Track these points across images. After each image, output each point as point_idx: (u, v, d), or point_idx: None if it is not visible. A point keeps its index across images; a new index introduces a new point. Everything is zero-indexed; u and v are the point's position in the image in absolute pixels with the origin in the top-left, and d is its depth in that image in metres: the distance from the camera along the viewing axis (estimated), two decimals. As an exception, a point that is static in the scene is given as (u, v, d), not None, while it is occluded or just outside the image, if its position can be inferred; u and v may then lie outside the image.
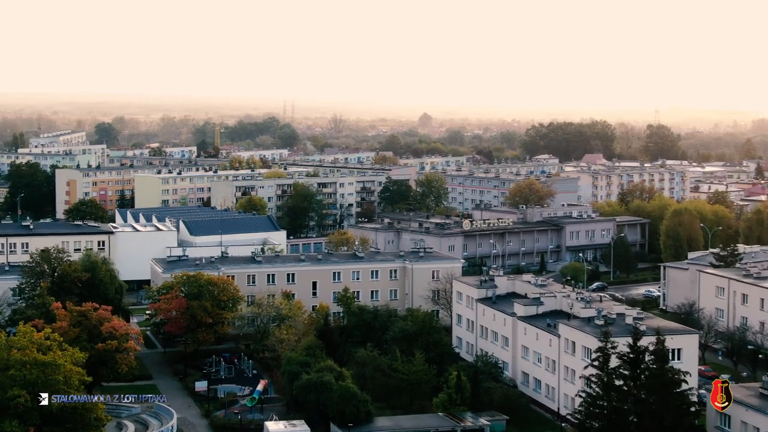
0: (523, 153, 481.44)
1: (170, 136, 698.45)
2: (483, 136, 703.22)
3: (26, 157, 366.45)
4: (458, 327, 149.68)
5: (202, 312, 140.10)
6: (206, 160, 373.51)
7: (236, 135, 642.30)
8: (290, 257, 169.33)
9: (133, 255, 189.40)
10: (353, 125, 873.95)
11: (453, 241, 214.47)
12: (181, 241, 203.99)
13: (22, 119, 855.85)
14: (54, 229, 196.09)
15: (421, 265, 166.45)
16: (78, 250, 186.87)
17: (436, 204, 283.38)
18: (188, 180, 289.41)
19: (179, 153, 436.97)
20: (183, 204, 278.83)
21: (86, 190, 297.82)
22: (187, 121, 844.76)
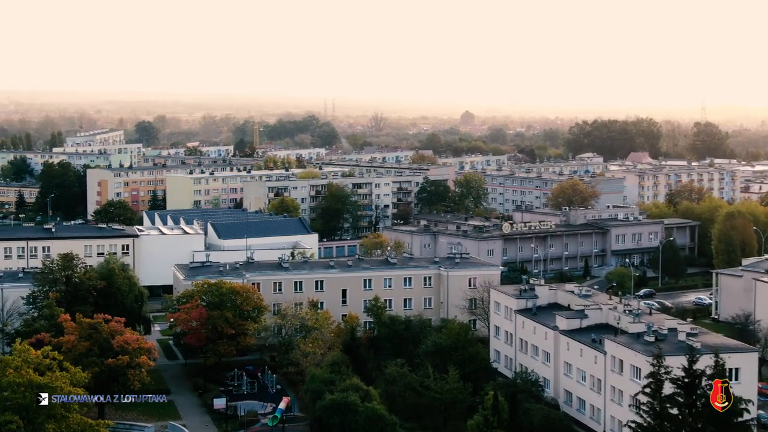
0: (566, 151, 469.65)
1: (210, 135, 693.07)
2: (525, 134, 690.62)
3: (60, 156, 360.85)
4: (496, 339, 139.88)
5: (224, 323, 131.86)
6: (241, 159, 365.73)
7: (276, 134, 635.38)
8: (319, 263, 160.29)
9: (159, 259, 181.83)
10: (394, 123, 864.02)
11: (492, 245, 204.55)
12: (210, 244, 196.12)
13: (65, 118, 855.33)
14: (76, 232, 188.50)
15: (457, 272, 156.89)
16: (101, 254, 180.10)
17: (475, 205, 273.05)
18: (220, 180, 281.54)
19: (215, 152, 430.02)
20: (215, 205, 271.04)
21: (117, 190, 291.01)
22: (228, 120, 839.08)
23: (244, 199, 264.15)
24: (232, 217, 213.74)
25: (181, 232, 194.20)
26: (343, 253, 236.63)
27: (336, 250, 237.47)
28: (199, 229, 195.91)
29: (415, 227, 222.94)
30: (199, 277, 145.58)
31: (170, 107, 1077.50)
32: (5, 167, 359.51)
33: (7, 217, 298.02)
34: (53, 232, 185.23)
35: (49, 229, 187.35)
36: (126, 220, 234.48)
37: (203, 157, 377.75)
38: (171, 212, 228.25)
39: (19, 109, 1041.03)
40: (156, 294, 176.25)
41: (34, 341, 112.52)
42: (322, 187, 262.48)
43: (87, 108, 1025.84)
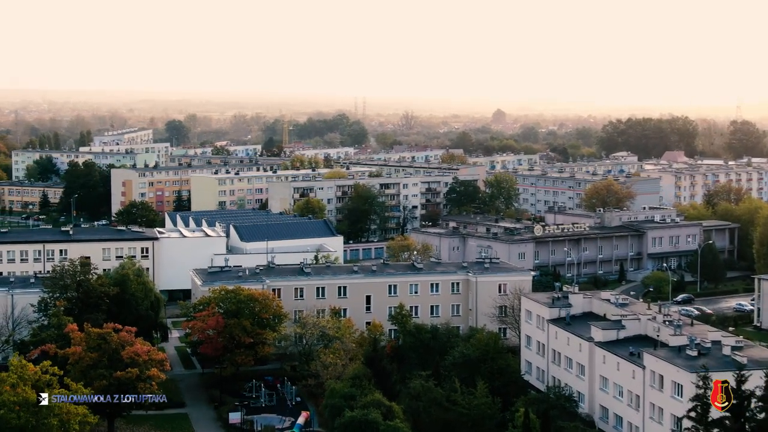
0: (599, 150, 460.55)
1: (241, 134, 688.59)
2: (558, 133, 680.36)
3: (86, 156, 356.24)
4: (527, 350, 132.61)
5: (241, 332, 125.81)
6: (268, 159, 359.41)
7: (305, 132, 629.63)
8: (342, 268, 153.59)
9: (179, 263, 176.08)
10: (425, 122, 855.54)
11: (523, 248, 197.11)
12: (232, 247, 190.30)
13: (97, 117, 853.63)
14: (94, 235, 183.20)
15: (487, 278, 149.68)
16: (120, 257, 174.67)
17: (505, 206, 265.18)
18: (246, 181, 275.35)
19: (243, 152, 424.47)
20: (240, 206, 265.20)
21: (142, 190, 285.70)
22: (259, 119, 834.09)
23: (269, 199, 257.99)
24: (255, 218, 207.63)
25: (203, 235, 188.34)
26: (370, 255, 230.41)
27: (362, 252, 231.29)
28: (221, 232, 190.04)
29: (443, 229, 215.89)
30: (217, 283, 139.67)
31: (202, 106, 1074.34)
32: (31, 167, 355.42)
33: (30, 218, 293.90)
34: (70, 234, 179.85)
35: (67, 231, 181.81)
36: (148, 221, 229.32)
37: (230, 157, 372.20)
38: (193, 213, 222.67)
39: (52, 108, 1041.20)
40: (176, 298, 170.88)
41: (38, 353, 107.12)
42: (349, 187, 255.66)
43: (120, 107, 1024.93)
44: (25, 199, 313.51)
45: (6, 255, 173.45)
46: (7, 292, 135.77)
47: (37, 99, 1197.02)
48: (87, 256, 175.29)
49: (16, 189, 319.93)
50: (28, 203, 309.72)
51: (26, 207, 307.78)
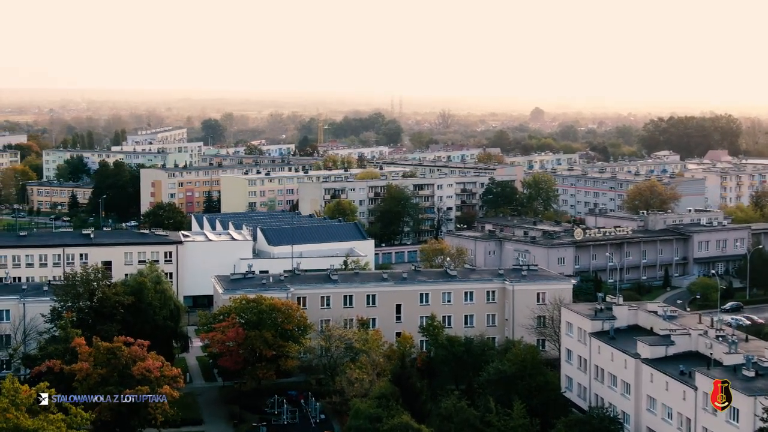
0: (640, 149, 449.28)
1: (277, 133, 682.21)
2: (597, 131, 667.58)
3: (118, 155, 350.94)
4: (568, 364, 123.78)
5: (262, 344, 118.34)
6: (301, 159, 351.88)
7: (341, 131, 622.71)
8: (371, 275, 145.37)
9: (203, 267, 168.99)
10: (462, 120, 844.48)
11: (563, 252, 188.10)
12: (259, 250, 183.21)
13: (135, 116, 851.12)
14: (117, 238, 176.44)
15: (524, 286, 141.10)
16: (143, 261, 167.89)
17: (544, 208, 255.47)
18: (276, 181, 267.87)
19: (277, 151, 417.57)
20: (270, 207, 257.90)
21: (172, 191, 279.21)
22: (295, 118, 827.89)
23: (300, 201, 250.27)
24: (283, 221, 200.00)
25: (229, 238, 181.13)
26: (403, 258, 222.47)
27: (395, 255, 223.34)
28: (247, 235, 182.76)
29: (479, 233, 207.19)
30: (239, 291, 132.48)
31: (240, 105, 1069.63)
32: (61, 167, 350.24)
33: (59, 218, 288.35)
34: (91, 238, 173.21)
35: (88, 234, 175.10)
36: (176, 223, 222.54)
37: (262, 157, 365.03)
38: (220, 216, 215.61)
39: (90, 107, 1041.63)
40: (201, 304, 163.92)
41: (43, 369, 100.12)
42: (382, 188, 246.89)
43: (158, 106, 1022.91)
44: (54, 199, 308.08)
45: (24, 259, 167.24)
46: (19, 300, 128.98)
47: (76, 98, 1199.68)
48: (108, 261, 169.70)
49: (45, 189, 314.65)
50: (57, 204, 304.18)
51: (55, 208, 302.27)
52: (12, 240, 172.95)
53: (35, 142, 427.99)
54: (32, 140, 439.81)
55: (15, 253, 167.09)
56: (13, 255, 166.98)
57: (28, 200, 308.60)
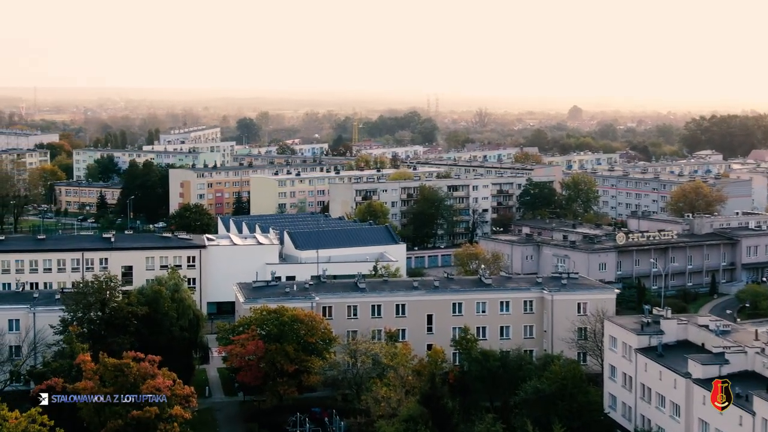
0: (681, 148, 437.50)
1: (312, 132, 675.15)
2: (637, 130, 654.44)
3: (149, 155, 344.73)
4: (611, 381, 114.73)
5: (283, 358, 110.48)
6: (333, 158, 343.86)
7: (376, 130, 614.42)
8: (401, 283, 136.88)
9: (228, 273, 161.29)
10: (499, 119, 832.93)
11: (604, 258, 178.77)
12: (286, 255, 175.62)
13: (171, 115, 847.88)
14: (138, 242, 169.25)
15: (564, 296, 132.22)
16: (164, 267, 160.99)
17: (584, 210, 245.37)
18: (307, 182, 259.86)
19: (310, 150, 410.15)
20: (300, 209, 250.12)
21: (201, 192, 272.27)
22: (331, 117, 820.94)
23: (330, 202, 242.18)
24: (312, 224, 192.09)
25: (254, 242, 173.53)
26: (436, 262, 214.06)
27: (428, 259, 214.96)
28: (274, 239, 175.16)
29: (516, 236, 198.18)
30: (260, 300, 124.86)
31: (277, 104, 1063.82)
32: (91, 166, 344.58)
33: (86, 219, 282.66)
34: (112, 242, 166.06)
35: (108, 238, 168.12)
36: (203, 225, 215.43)
37: (294, 156, 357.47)
38: (247, 218, 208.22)
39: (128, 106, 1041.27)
40: (226, 311, 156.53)
41: (44, 387, 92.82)
42: (414, 189, 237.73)
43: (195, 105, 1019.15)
44: (83, 200, 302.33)
45: (42, 264, 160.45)
46: (29, 309, 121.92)
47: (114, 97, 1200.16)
48: (129, 266, 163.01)
49: (74, 189, 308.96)
50: (85, 204, 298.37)
51: (83, 208, 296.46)
52: (30, 244, 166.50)
53: (67, 142, 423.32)
54: (64, 139, 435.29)
55: (32, 258, 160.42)
56: (31, 259, 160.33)
57: (56, 200, 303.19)
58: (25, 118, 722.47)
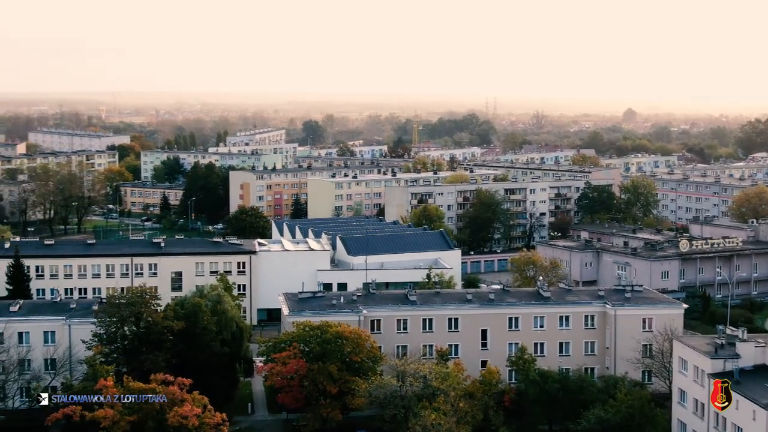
0: (736, 150, 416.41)
1: (374, 134, 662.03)
2: (690, 132, 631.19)
3: (213, 156, 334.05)
4: (680, 407, 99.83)
5: (326, 379, 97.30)
6: (391, 160, 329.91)
7: (436, 132, 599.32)
8: (453, 296, 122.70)
9: (279, 279, 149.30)
10: (555, 121, 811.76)
11: (667, 265, 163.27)
12: (338, 260, 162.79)
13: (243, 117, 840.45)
14: (188, 247, 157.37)
15: (628, 311, 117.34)
16: (214, 272, 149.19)
17: (643, 214, 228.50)
18: (363, 184, 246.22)
19: (370, 152, 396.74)
20: (356, 212, 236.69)
21: (260, 193, 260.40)
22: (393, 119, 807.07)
23: (385, 205, 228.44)
24: (366, 228, 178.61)
25: (306, 248, 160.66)
26: (492, 267, 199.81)
27: (484, 264, 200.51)
28: (326, 244, 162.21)
29: (574, 242, 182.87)
30: (305, 313, 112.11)
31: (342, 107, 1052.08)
32: (158, 168, 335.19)
33: (150, 220, 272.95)
34: (161, 247, 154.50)
35: (158, 243, 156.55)
36: (258, 228, 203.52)
37: (353, 159, 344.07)
38: (299, 222, 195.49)
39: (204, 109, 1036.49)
40: (276, 318, 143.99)
41: (60, 416, 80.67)
42: (471, 192, 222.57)
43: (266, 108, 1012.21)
44: (147, 200, 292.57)
45: (91, 269, 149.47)
46: (64, 321, 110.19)
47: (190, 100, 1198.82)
48: (178, 271, 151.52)
49: (138, 190, 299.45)
50: (149, 205, 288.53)
51: (147, 209, 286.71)
52: (79, 249, 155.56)
53: (137, 143, 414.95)
54: (135, 141, 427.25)
55: (81, 263, 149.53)
56: (80, 264, 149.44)
57: (121, 201, 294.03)
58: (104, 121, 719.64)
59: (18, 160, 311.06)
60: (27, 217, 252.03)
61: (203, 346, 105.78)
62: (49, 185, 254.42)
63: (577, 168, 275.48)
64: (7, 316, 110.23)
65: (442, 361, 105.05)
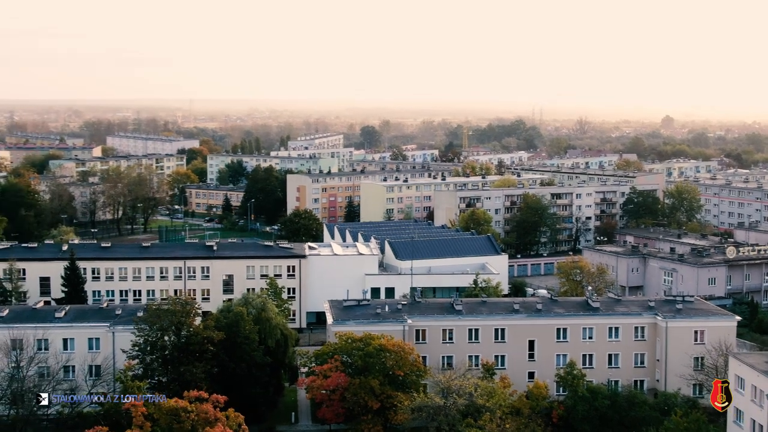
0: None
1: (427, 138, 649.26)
2: (726, 138, 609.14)
3: (273, 160, 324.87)
4: (737, 427, 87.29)
5: (367, 394, 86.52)
6: (442, 164, 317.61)
7: (485, 137, 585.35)
8: (500, 305, 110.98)
9: (328, 283, 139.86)
10: (598, 127, 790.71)
11: (714, 272, 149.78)
12: (387, 265, 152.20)
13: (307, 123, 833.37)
14: (239, 251, 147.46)
15: (680, 323, 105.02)
16: (264, 276, 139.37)
17: (687, 219, 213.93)
18: (414, 188, 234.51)
19: (422, 156, 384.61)
20: (407, 215, 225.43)
21: (315, 196, 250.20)
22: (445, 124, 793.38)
23: (434, 209, 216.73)
24: (415, 232, 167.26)
25: (355, 252, 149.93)
26: (539, 271, 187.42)
27: (530, 267, 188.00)
28: (374, 249, 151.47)
29: (620, 247, 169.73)
30: (349, 322, 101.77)
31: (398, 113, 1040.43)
32: (222, 170, 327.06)
33: (212, 220, 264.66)
34: (214, 250, 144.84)
35: (210, 247, 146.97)
36: (312, 231, 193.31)
37: (405, 162, 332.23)
38: (350, 226, 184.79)
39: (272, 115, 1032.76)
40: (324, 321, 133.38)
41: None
42: (518, 197, 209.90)
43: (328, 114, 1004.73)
44: (210, 201, 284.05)
45: (145, 272, 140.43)
46: (108, 328, 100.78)
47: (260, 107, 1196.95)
48: (230, 274, 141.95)
49: (203, 192, 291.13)
50: (213, 206, 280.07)
51: (210, 210, 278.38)
52: (135, 252, 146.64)
53: (206, 147, 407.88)
54: (204, 145, 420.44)
55: (136, 266, 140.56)
56: (134, 267, 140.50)
57: (186, 202, 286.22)
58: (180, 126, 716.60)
59: (91, 162, 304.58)
60: (96, 217, 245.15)
61: (245, 356, 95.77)
62: (119, 187, 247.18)
63: (622, 173, 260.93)
64: (52, 322, 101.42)
65: (488, 376, 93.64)
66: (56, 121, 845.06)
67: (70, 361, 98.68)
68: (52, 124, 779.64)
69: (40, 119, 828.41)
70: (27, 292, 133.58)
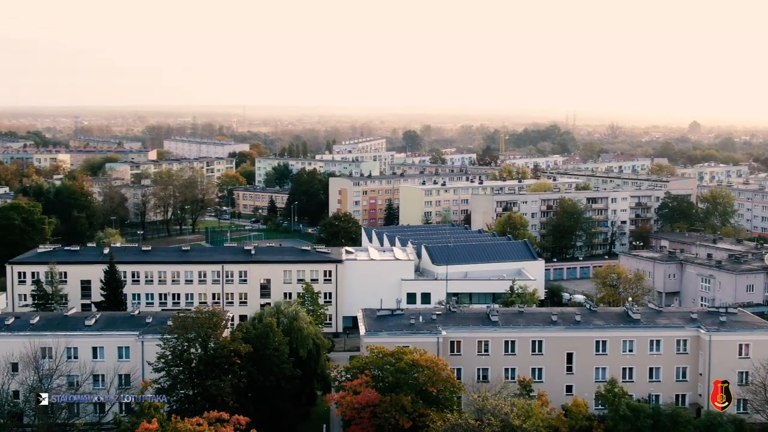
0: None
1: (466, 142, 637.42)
2: (752, 142, 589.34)
3: (318, 163, 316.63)
4: (790, 453, 76.30)
5: (398, 412, 76.90)
6: (479, 168, 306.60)
7: (521, 141, 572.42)
8: (537, 316, 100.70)
9: (364, 287, 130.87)
10: (628, 132, 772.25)
11: (752, 279, 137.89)
12: (423, 269, 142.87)
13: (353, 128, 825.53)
14: (277, 255, 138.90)
15: (723, 336, 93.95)
16: (301, 280, 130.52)
17: (721, 223, 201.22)
18: (452, 191, 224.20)
19: (460, 159, 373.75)
20: (444, 218, 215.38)
21: (356, 199, 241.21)
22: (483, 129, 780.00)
23: (471, 213, 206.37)
24: (451, 236, 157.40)
25: (391, 257, 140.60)
26: (574, 274, 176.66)
27: (566, 271, 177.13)
28: (411, 253, 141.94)
29: (656, 253, 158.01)
30: (381, 333, 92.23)
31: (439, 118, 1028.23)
32: (269, 173, 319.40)
33: (258, 221, 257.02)
34: (252, 254, 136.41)
35: (249, 251, 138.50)
36: (351, 234, 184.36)
37: (444, 166, 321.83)
38: (387, 229, 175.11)
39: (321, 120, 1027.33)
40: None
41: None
42: (554, 201, 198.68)
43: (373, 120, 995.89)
44: (257, 203, 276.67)
45: (183, 275, 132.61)
46: (137, 337, 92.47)
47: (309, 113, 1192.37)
48: (267, 279, 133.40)
49: (249, 194, 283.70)
50: (259, 208, 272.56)
51: (257, 211, 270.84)
52: (174, 256, 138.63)
53: (255, 151, 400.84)
54: (253, 149, 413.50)
55: (175, 269, 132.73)
56: (173, 270, 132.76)
57: (234, 204, 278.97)
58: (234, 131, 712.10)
59: (145, 165, 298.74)
60: (147, 218, 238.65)
61: (274, 368, 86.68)
62: (169, 189, 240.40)
63: (655, 177, 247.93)
64: (82, 330, 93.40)
65: (525, 393, 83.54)
66: (122, 126, 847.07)
67: (99, 370, 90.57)
68: (117, 128, 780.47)
69: (106, 124, 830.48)
70: (67, 295, 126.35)
